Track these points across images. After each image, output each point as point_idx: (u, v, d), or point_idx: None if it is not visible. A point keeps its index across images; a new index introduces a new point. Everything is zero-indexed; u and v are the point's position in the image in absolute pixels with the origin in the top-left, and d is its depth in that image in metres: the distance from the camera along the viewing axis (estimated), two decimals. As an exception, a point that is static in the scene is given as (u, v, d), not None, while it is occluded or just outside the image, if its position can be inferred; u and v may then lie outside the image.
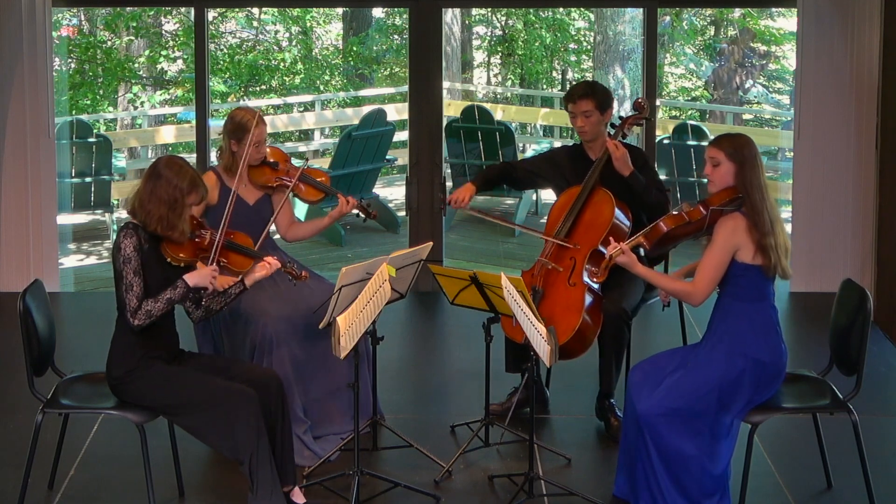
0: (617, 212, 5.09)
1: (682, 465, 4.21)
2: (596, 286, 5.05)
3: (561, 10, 14.75)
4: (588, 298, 5.00)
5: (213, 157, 7.69)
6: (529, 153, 12.52)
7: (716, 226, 4.24)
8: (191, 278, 4.31)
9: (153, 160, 4.65)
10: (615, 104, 5.36)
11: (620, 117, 5.33)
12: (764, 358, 4.24)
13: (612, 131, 5.28)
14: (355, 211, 5.18)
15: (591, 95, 5.22)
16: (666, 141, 10.39)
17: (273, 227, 5.17)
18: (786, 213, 7.98)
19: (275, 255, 4.66)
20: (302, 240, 5.32)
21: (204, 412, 4.25)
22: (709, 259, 4.23)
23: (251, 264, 4.55)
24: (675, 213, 4.32)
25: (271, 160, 5.14)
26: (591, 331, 5.02)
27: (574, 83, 5.50)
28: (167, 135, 13.42)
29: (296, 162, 5.22)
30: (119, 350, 4.33)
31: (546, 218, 5.34)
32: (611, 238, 4.34)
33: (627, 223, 5.13)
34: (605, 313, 5.02)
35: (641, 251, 4.43)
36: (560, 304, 5.02)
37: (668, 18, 14.84)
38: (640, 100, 5.39)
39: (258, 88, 14.95)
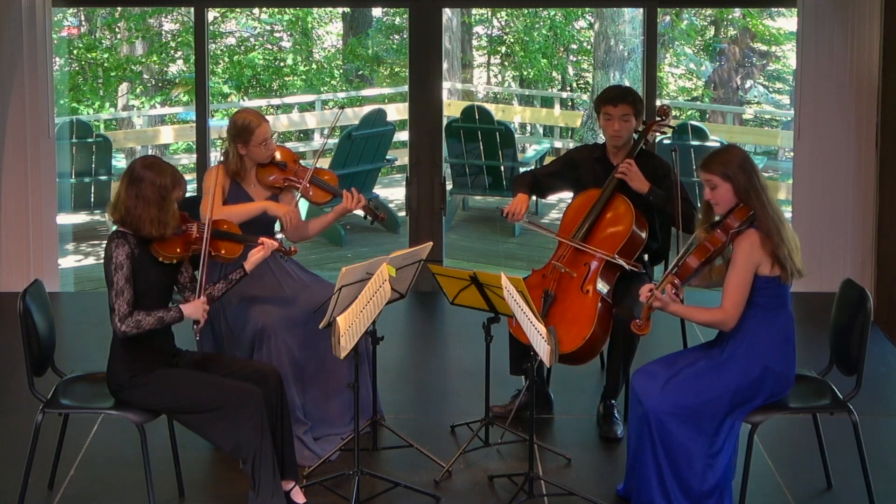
0: (635, 223, 5.07)
1: (687, 462, 4.22)
2: (608, 293, 5.03)
3: (561, 10, 14.75)
4: (599, 305, 4.99)
5: (213, 157, 7.69)
6: (530, 153, 12.52)
7: (733, 246, 4.23)
8: (186, 308, 4.32)
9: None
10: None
11: (644, 122, 5.30)
12: (778, 368, 4.24)
13: (636, 136, 5.26)
14: (361, 212, 5.15)
15: (631, 101, 5.19)
16: (666, 141, 10.38)
17: (277, 227, 5.16)
18: (786, 212, 7.97)
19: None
20: (306, 239, 5.30)
21: (209, 411, 4.25)
22: (733, 281, 4.21)
23: (241, 249, 4.55)
24: (699, 245, 4.28)
25: (280, 161, 5.12)
26: (601, 339, 5.02)
27: (609, 86, 5.44)
28: (167, 135, 13.42)
29: (304, 163, 5.20)
30: (119, 357, 4.32)
31: (560, 218, 5.31)
32: (649, 286, 4.26)
33: (644, 235, 5.12)
34: (616, 320, 5.01)
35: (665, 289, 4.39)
36: (572, 311, 5.01)
37: (668, 18, 14.84)
38: (664, 106, 5.33)
39: (258, 89, 14.96)
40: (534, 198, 5.47)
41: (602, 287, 5.03)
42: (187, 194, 4.53)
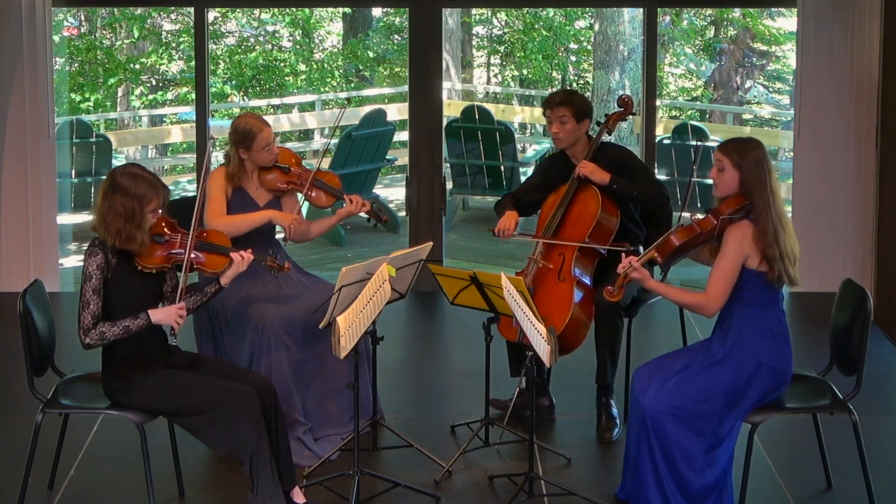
0: (602, 207, 5.11)
1: (685, 462, 4.22)
2: (587, 280, 5.07)
3: (561, 10, 14.75)
4: (578, 293, 5.03)
5: (213, 158, 7.69)
6: (530, 153, 12.52)
7: (725, 234, 4.23)
8: (155, 314, 4.22)
9: (153, 160, 4.62)
10: (594, 113, 5.34)
11: (606, 114, 5.34)
12: (772, 364, 4.24)
13: (598, 128, 5.30)
14: (364, 215, 5.13)
15: (569, 103, 5.22)
16: (666, 141, 10.39)
17: (279, 230, 5.16)
18: (786, 212, 7.97)
19: (250, 249, 4.54)
20: (308, 240, 5.29)
21: (205, 412, 4.23)
22: (720, 269, 4.21)
23: (226, 263, 4.44)
24: (685, 225, 4.29)
25: (282, 163, 5.11)
26: (584, 324, 5.05)
27: (555, 90, 5.52)
28: (167, 135, 13.42)
29: (307, 164, 5.19)
30: (112, 361, 4.30)
31: (537, 217, 5.37)
32: (624, 255, 4.32)
33: (614, 220, 5.15)
34: (597, 305, 5.04)
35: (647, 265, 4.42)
36: (551, 300, 5.04)
37: (668, 18, 14.85)
38: (624, 96, 5.40)
39: (258, 89, 14.96)
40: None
41: (580, 273, 5.06)
42: (188, 194, 4.51)
